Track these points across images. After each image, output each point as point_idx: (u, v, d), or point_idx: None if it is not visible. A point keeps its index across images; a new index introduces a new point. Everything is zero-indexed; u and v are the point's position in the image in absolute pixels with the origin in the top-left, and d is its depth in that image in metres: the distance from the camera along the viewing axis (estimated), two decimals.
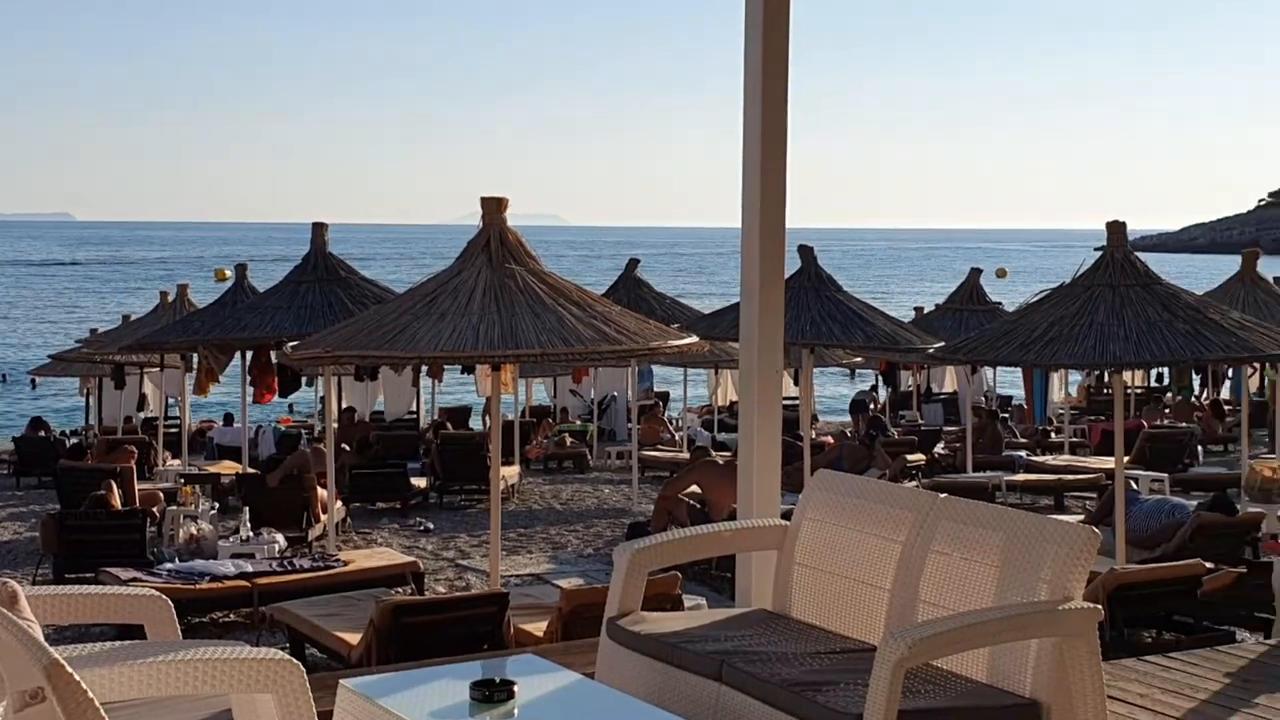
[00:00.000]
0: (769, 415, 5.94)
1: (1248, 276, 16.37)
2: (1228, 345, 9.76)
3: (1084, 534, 4.44)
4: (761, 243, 5.87)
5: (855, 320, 13.53)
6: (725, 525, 5.61)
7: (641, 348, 8.79)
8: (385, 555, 12.17)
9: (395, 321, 8.85)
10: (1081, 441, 25.09)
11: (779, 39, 5.84)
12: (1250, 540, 12.60)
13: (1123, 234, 10.38)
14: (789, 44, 5.86)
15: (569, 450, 24.01)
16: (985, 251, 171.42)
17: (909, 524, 4.94)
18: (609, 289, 19.23)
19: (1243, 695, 6.10)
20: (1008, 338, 10.14)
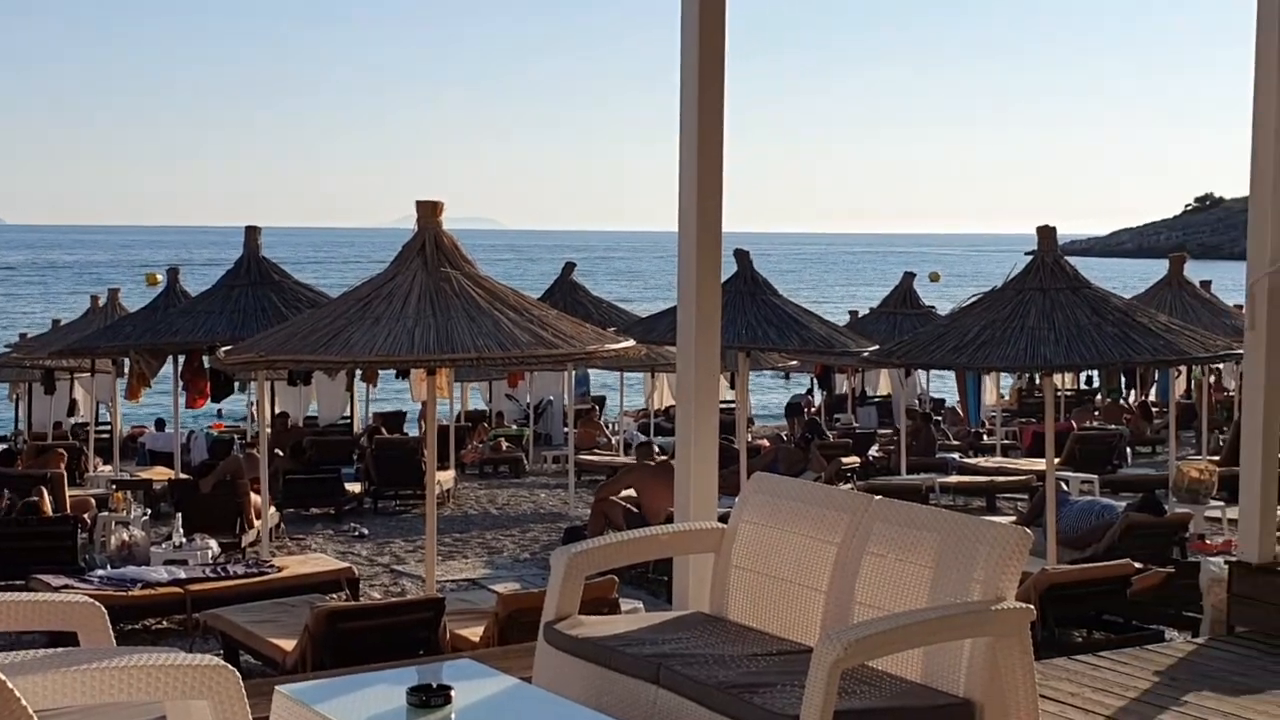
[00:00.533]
0: (706, 418, 5.97)
1: (1175, 280, 16.64)
2: (1156, 348, 9.92)
3: (1016, 535, 4.50)
4: (699, 246, 5.90)
5: (791, 324, 13.61)
6: (662, 529, 5.63)
7: (578, 351, 8.80)
8: (320, 561, 12.10)
9: (330, 326, 8.80)
10: (1013, 443, 25.36)
11: (715, 42, 5.88)
12: (1178, 540, 12.80)
13: (1053, 239, 10.53)
14: (725, 47, 5.90)
15: (505, 455, 23.95)
16: (921, 255, 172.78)
17: (845, 526, 4.98)
18: (545, 293, 19.25)
19: (1172, 693, 6.20)
20: (941, 341, 10.25)
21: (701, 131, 5.87)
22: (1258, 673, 6.53)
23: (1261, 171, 7.10)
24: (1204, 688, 6.27)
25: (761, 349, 14.55)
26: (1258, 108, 7.11)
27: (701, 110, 5.87)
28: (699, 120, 5.88)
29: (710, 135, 5.90)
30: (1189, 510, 13.93)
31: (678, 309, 6.09)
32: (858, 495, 5.13)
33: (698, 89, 5.86)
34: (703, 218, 5.90)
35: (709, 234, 5.93)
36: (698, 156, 5.87)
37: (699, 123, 5.87)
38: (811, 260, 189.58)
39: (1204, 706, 5.99)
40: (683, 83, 5.95)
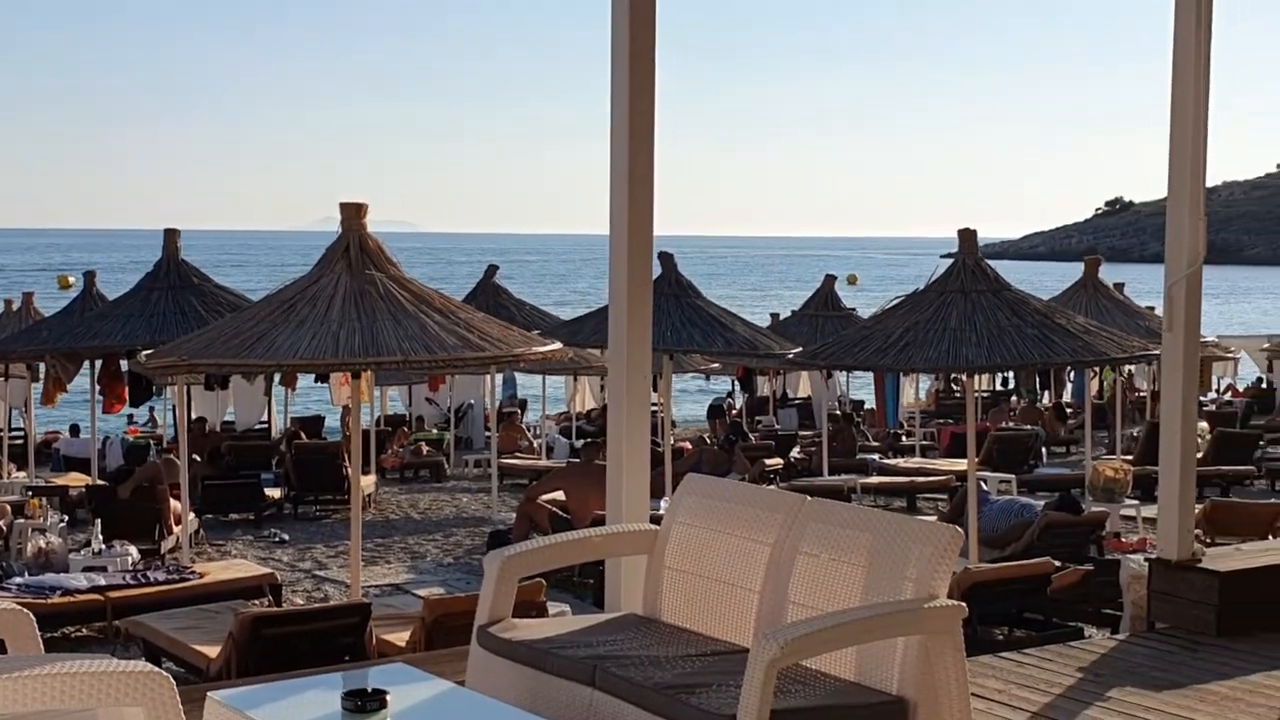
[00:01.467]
0: (638, 420, 5.98)
1: (1090, 283, 16.91)
2: (1074, 349, 10.09)
3: (948, 533, 4.55)
4: (630, 249, 5.91)
5: (715, 326, 13.67)
6: (595, 531, 5.63)
7: (505, 354, 8.79)
8: (242, 567, 11.97)
9: (253, 329, 8.73)
10: (931, 444, 25.64)
11: (644, 44, 5.89)
12: (1095, 538, 13.00)
13: (973, 241, 10.67)
14: (655, 50, 5.92)
15: (425, 459, 23.82)
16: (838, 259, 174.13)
17: (778, 526, 5.01)
18: (468, 295, 19.17)
19: (1096, 689, 6.30)
20: (866, 342, 10.35)
21: (632, 134, 5.88)
22: (1178, 668, 6.66)
23: (1178, 176, 7.24)
24: (1127, 683, 6.38)
25: (688, 351, 14.59)
26: (1175, 114, 7.25)
27: (632, 113, 5.89)
28: (629, 123, 5.89)
29: (640, 137, 5.91)
30: (1105, 509, 14.16)
31: (609, 311, 6.10)
32: (791, 496, 5.17)
33: (628, 92, 5.87)
34: (634, 220, 5.91)
35: (640, 236, 5.94)
36: (628, 159, 5.88)
37: (629, 125, 5.88)
38: (729, 263, 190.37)
39: (1127, 702, 6.10)
40: (613, 85, 5.96)
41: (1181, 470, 7.29)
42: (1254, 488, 20.37)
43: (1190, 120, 7.18)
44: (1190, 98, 7.17)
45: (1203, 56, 7.16)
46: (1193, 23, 7.12)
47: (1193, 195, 7.18)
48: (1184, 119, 7.21)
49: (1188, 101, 7.19)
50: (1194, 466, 7.41)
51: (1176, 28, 7.22)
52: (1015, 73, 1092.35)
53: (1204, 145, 7.24)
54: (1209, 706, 6.04)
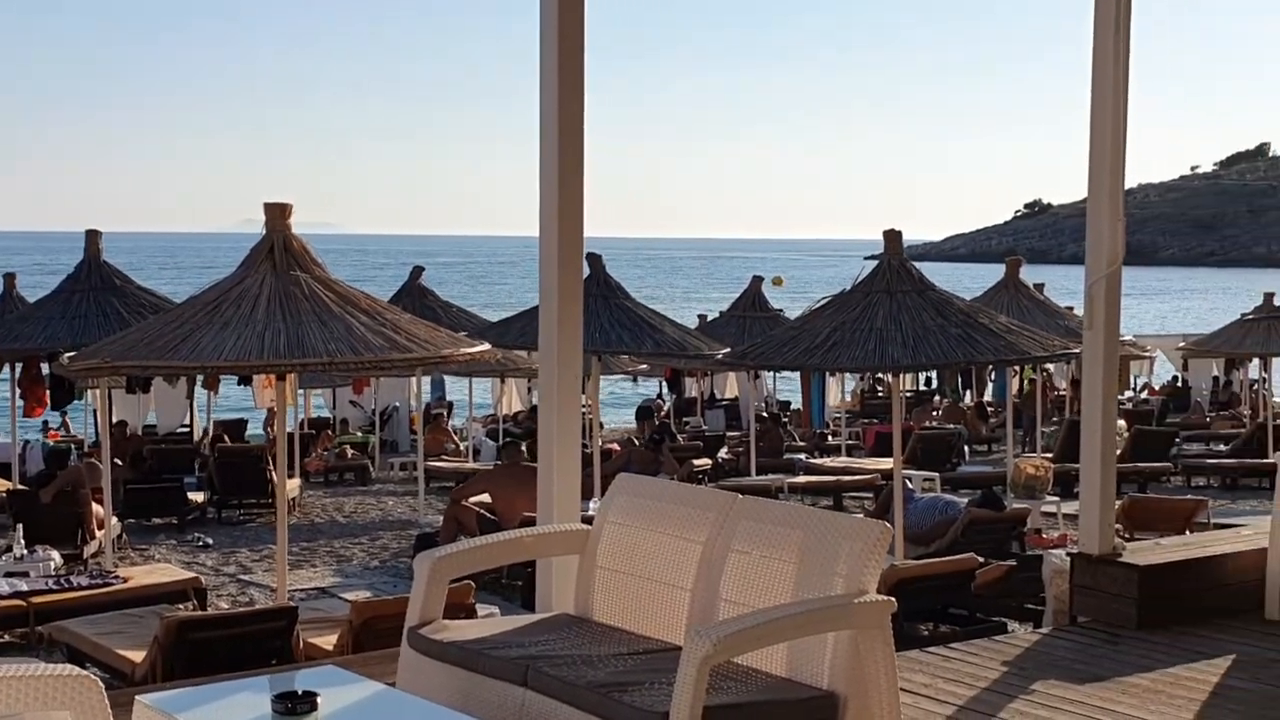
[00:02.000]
0: (568, 420, 5.99)
1: (1011, 283, 17.14)
2: (997, 348, 10.23)
3: (877, 529, 4.61)
4: (560, 249, 5.91)
5: (644, 327, 13.71)
6: (527, 531, 5.63)
7: (433, 356, 8.76)
8: (166, 571, 11.82)
9: (176, 331, 8.64)
10: (856, 444, 25.85)
11: (574, 44, 5.90)
12: (1017, 534, 13.18)
13: (898, 242, 10.79)
14: (584, 50, 5.93)
15: (350, 462, 23.66)
16: (762, 261, 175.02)
17: (709, 524, 5.04)
18: (393, 297, 19.08)
19: (1021, 682, 6.39)
20: (793, 343, 10.43)
21: (562, 134, 5.88)
22: (1099, 660, 6.77)
23: (1098, 178, 7.36)
24: (1051, 676, 6.48)
25: (616, 352, 14.62)
26: (1094, 117, 7.37)
27: (561, 113, 5.89)
28: (558, 123, 5.90)
29: (570, 137, 5.92)
30: (1026, 505, 14.37)
31: (540, 311, 6.10)
32: (722, 494, 5.20)
33: (557, 92, 5.88)
34: (563, 221, 5.92)
35: (570, 238, 5.95)
36: (558, 159, 5.89)
37: (558, 126, 5.89)
38: (656, 265, 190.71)
39: (1051, 694, 6.19)
40: (542, 85, 5.97)
41: (1102, 466, 7.41)
42: (1170, 484, 20.75)
43: (1109, 123, 7.31)
44: (1109, 101, 7.30)
45: (1121, 61, 7.29)
46: (1111, 28, 7.24)
47: (1111, 197, 7.30)
48: (1103, 122, 7.34)
49: (1106, 105, 7.31)
50: (1114, 463, 7.55)
51: (1095, 33, 7.34)
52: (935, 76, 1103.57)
53: (1123, 148, 7.37)
54: (1130, 699, 6.15)
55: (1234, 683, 6.43)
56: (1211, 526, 14.65)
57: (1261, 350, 22.39)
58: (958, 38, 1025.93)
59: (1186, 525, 13.94)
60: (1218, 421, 29.24)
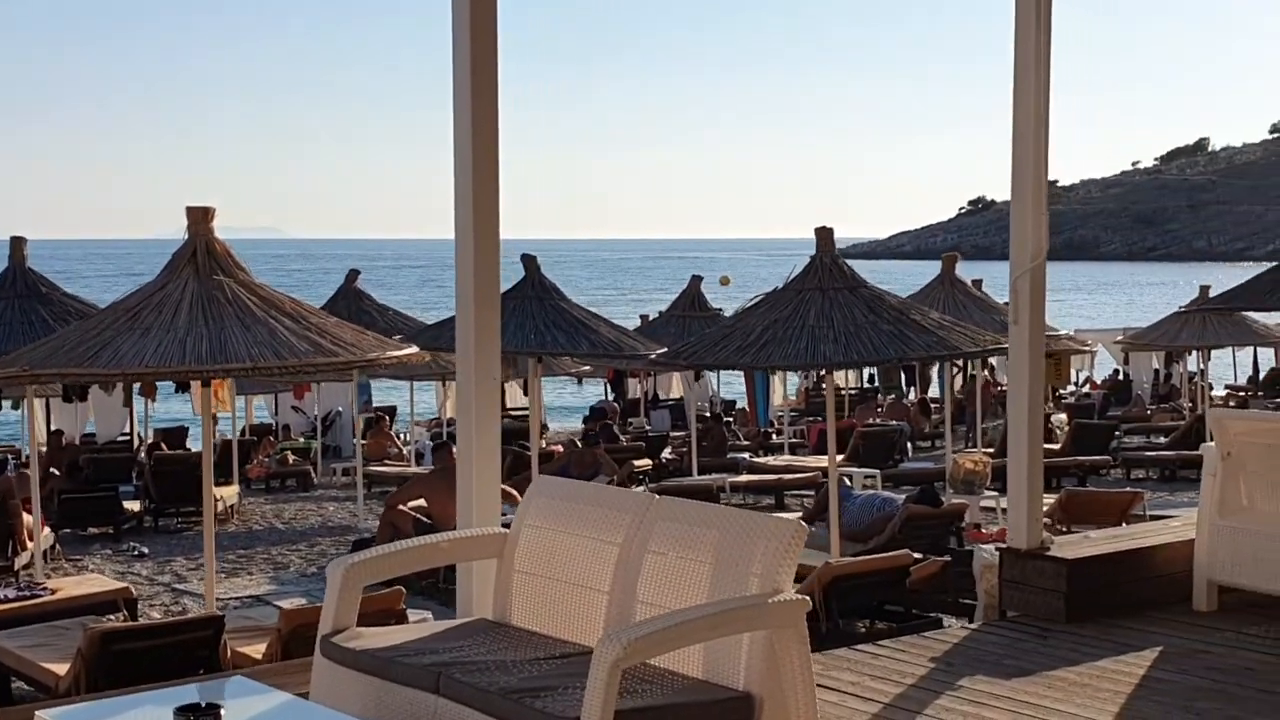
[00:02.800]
0: (488, 424, 5.91)
1: (947, 280, 17.19)
2: (929, 344, 10.23)
3: (792, 528, 4.56)
4: (476, 252, 5.83)
5: (580, 328, 13.64)
6: (442, 536, 5.55)
7: (359, 359, 8.65)
8: (96, 582, 11.64)
9: (97, 337, 8.50)
10: (800, 442, 25.89)
11: (486, 46, 5.83)
12: (955, 530, 13.22)
13: (830, 240, 10.77)
14: (497, 50, 5.86)
15: (291, 468, 23.46)
16: (711, 260, 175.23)
17: (626, 526, 4.98)
18: (329, 300, 18.95)
19: (948, 678, 6.37)
20: (726, 341, 10.39)
21: (475, 135, 5.80)
22: (1028, 655, 6.76)
23: (1021, 173, 7.35)
24: (978, 671, 6.47)
25: (551, 354, 14.54)
26: (1016, 112, 7.37)
27: (475, 115, 5.81)
28: (472, 124, 5.82)
29: (484, 140, 5.84)
30: (965, 501, 14.41)
31: (457, 318, 6.02)
32: (639, 495, 5.14)
33: (470, 94, 5.80)
34: (479, 223, 5.83)
35: (486, 240, 5.86)
36: (472, 163, 5.81)
37: (472, 127, 5.81)
38: (603, 265, 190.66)
39: (978, 690, 6.17)
40: (455, 89, 5.88)
41: (1029, 461, 7.41)
42: (1110, 477, 20.88)
43: (1031, 118, 7.30)
44: (1031, 96, 7.29)
45: (1042, 55, 7.29)
46: (1032, 22, 7.24)
47: (1035, 191, 7.30)
48: (1025, 117, 7.33)
49: (1029, 99, 7.31)
50: (1041, 457, 7.55)
51: (1017, 28, 7.34)
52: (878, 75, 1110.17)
53: (1045, 142, 7.37)
54: (1056, 693, 6.14)
55: (1160, 674, 6.44)
56: (1148, 518, 14.76)
57: (1198, 343, 22.61)
58: (900, 36, 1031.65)
59: (1123, 518, 14.01)
60: (1158, 414, 29.48)
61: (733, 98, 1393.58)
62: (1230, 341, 24.25)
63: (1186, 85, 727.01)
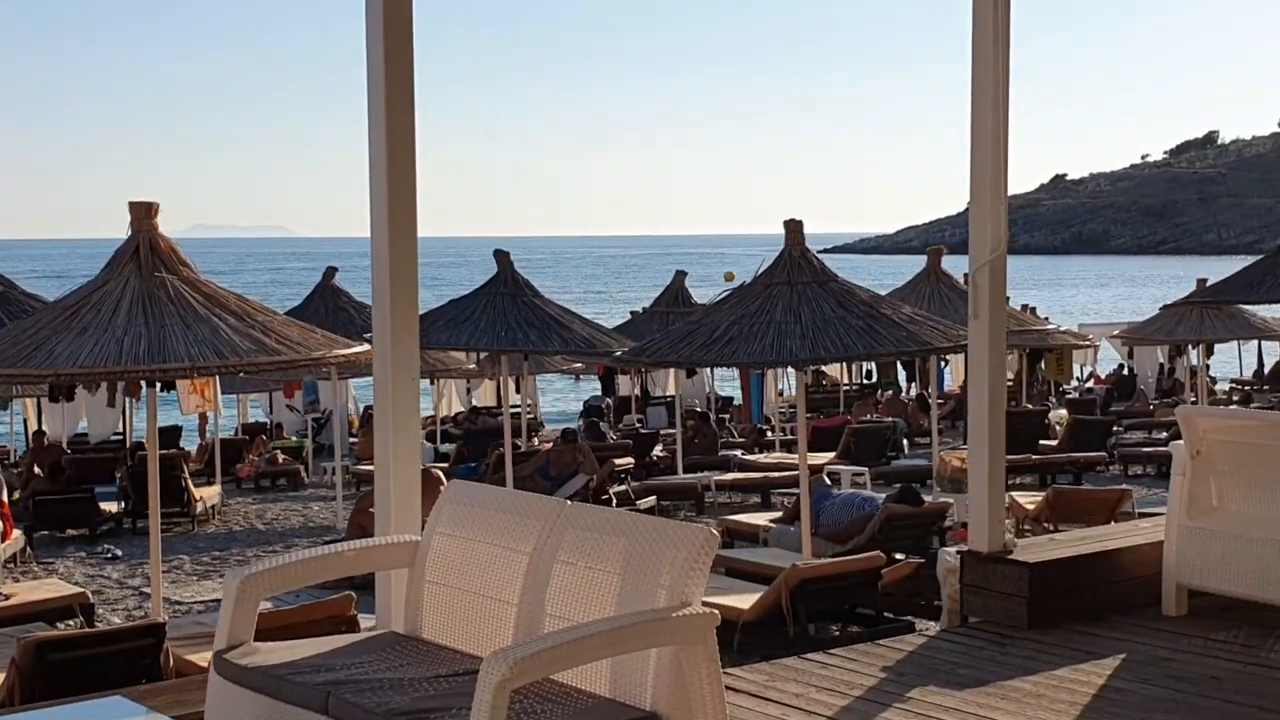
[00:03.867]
0: (405, 426, 5.62)
1: (933, 274, 16.88)
2: (898, 340, 9.92)
3: (701, 536, 4.28)
4: (392, 250, 5.53)
5: (552, 325, 13.35)
6: (351, 544, 5.26)
7: (304, 358, 8.39)
8: (52, 587, 11.39)
9: (33, 337, 8.25)
10: (795, 439, 25.52)
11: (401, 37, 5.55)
12: (937, 530, 12.92)
13: (799, 232, 10.46)
14: (412, 32, 5.58)
15: (281, 468, 23.22)
16: (715, 256, 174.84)
17: (536, 534, 4.70)
18: (306, 298, 18.74)
19: (897, 689, 6.09)
20: (690, 338, 10.09)
21: (390, 126, 5.53)
22: (984, 664, 6.47)
23: (980, 159, 7.07)
24: (930, 682, 6.18)
25: (520, 351, 14.25)
26: (975, 99, 7.08)
27: (389, 107, 5.54)
28: (386, 119, 5.54)
29: (399, 132, 5.56)
30: (951, 499, 14.12)
31: (373, 311, 5.74)
32: (550, 502, 4.86)
33: (384, 82, 5.52)
34: (394, 221, 5.54)
35: (402, 230, 5.58)
36: (386, 156, 5.52)
37: (386, 119, 5.53)
38: (610, 263, 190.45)
39: (927, 702, 5.89)
40: (369, 76, 5.61)
41: (990, 460, 7.11)
42: (1107, 474, 20.55)
43: (990, 106, 7.01)
44: (989, 81, 7.00)
45: (1001, 38, 6.99)
46: (990, 6, 6.96)
47: (994, 181, 7.01)
48: (984, 104, 7.04)
49: (986, 85, 7.02)
50: (1003, 455, 7.23)
51: (975, 13, 7.06)
52: (887, 71, 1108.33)
53: (1004, 131, 7.07)
54: (1009, 704, 5.86)
55: (1120, 684, 6.15)
56: (1138, 516, 14.46)
57: (1195, 336, 22.25)
58: (911, 30, 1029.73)
59: (1112, 516, 13.71)
60: (1161, 409, 29.10)
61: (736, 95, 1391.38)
62: (1230, 335, 23.88)
63: (1195, 78, 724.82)
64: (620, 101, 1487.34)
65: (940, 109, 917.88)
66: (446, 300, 14.37)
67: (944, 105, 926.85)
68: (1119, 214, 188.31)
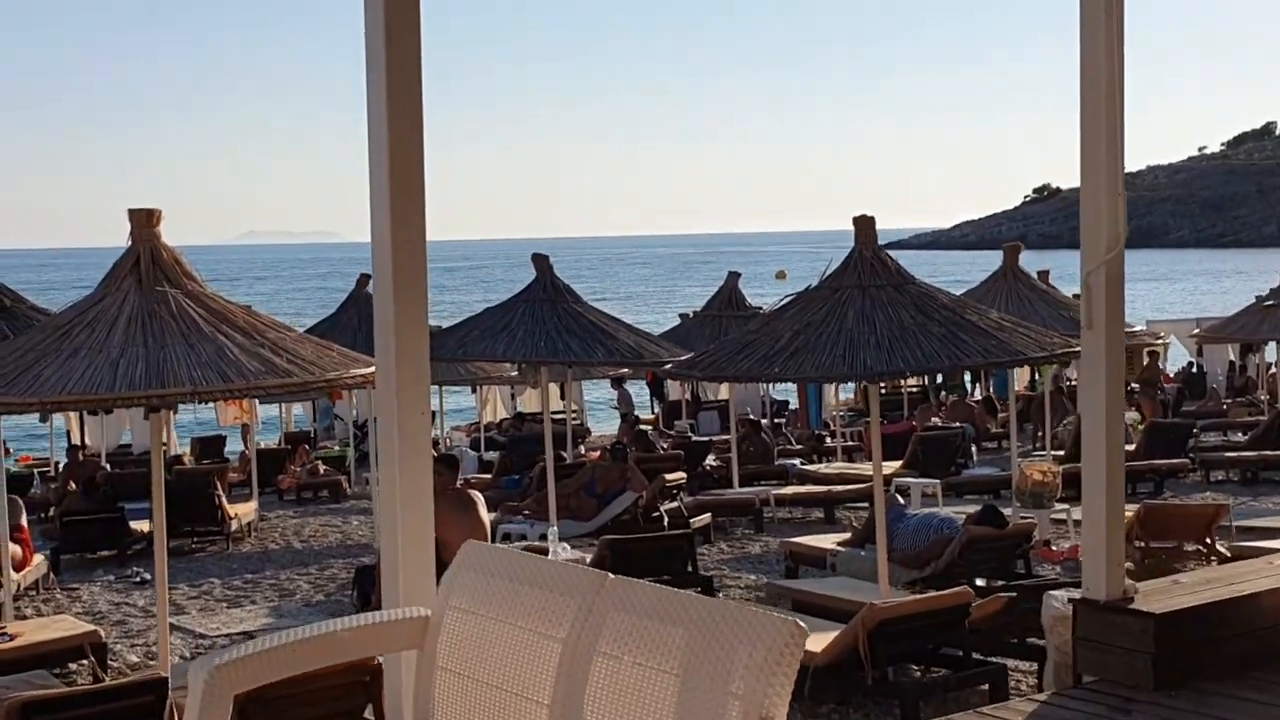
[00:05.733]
0: (415, 471, 4.69)
1: (1010, 272, 15.79)
2: (986, 349, 8.87)
3: (786, 631, 3.31)
4: (395, 265, 4.61)
5: (595, 334, 12.38)
6: (347, 623, 4.31)
7: (317, 379, 7.49)
8: (63, 625, 10.51)
9: (20, 359, 7.40)
10: (856, 445, 24.46)
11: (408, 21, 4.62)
12: (1022, 553, 11.88)
13: (871, 229, 9.43)
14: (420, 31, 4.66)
15: (323, 479, 22.43)
16: (764, 254, 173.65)
17: (572, 615, 3.76)
18: (340, 307, 17.96)
19: None
20: (749, 350, 9.08)
21: (392, 113, 4.60)
22: None
23: (1092, 145, 6.08)
24: None
25: (562, 362, 13.31)
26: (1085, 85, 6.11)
27: (391, 86, 4.62)
28: (388, 116, 4.62)
29: (403, 130, 4.64)
30: (1032, 517, 13.07)
31: (375, 335, 4.81)
32: (589, 574, 3.91)
33: (385, 68, 4.60)
34: (398, 229, 4.61)
35: (409, 246, 4.64)
36: (389, 158, 4.60)
37: (388, 118, 4.61)
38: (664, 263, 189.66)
39: None
40: (369, 59, 4.70)
41: (1109, 493, 6.12)
42: (1187, 481, 19.35)
43: (1103, 86, 6.04)
44: (1101, 57, 6.03)
45: (1115, 23, 6.01)
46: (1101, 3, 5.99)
47: (1109, 169, 6.02)
48: (1096, 90, 6.09)
49: (1098, 63, 6.04)
50: (1123, 487, 6.25)
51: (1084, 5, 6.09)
52: (942, 63, 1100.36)
53: (1119, 114, 6.09)
54: None
55: None
56: (1234, 532, 13.36)
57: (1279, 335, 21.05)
58: (964, 22, 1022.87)
59: (1207, 533, 12.64)
60: (1234, 409, 27.81)
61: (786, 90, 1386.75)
62: None
63: (1252, 69, 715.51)
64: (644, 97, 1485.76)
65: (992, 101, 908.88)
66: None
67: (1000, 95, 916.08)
68: (1177, 207, 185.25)
